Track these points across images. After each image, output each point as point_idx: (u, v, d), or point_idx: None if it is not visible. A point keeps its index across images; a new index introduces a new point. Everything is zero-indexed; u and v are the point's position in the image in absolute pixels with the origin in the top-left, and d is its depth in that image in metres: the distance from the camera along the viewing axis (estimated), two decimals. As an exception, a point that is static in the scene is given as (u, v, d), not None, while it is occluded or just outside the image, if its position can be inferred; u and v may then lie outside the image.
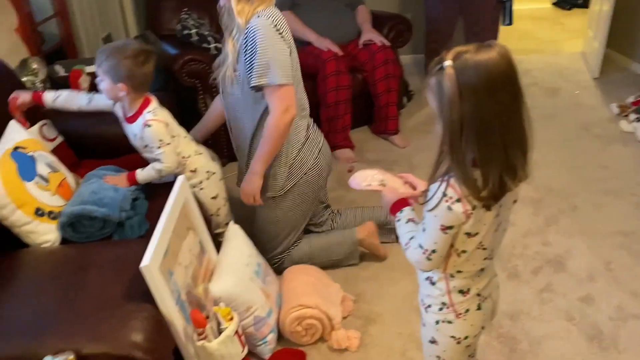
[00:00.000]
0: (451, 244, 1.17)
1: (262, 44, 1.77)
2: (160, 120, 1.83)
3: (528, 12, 5.78)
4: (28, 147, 1.79)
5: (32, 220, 1.68)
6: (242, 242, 1.92)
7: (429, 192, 1.15)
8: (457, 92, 1.03)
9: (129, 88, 1.78)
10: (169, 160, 1.86)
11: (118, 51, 1.76)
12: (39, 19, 3.03)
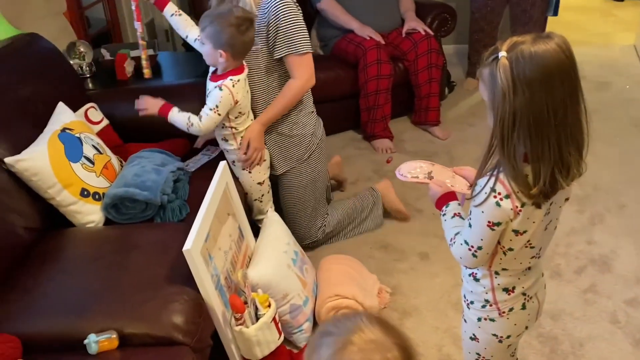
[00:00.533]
0: (497, 241, 1.14)
1: (289, 15, 1.90)
2: (231, 92, 1.81)
3: (577, 2, 5.58)
4: (75, 129, 1.82)
5: (78, 201, 1.72)
6: (280, 229, 1.92)
7: (477, 187, 1.12)
8: (510, 84, 1.00)
9: (228, 55, 1.77)
10: (206, 124, 1.84)
11: (222, 18, 1.74)
12: (85, 4, 3.09)
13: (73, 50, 2.50)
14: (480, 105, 3.53)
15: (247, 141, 1.97)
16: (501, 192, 1.06)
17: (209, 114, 1.83)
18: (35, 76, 1.95)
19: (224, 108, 1.83)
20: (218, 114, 1.83)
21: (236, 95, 1.83)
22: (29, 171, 1.64)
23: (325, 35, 3.25)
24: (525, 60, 1.00)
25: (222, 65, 1.82)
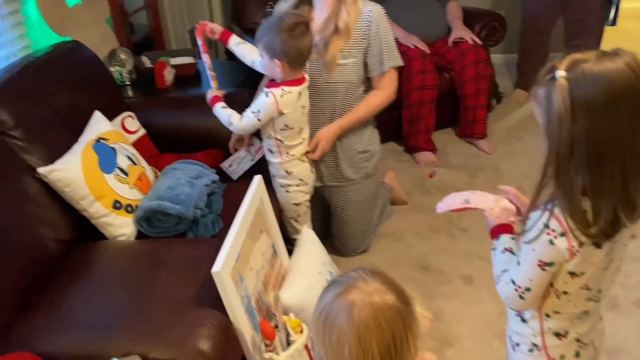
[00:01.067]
0: (550, 283, 1.02)
1: (387, 29, 1.95)
2: (277, 101, 1.72)
3: (636, 10, 5.29)
4: (110, 139, 1.79)
5: (110, 213, 1.68)
6: (316, 248, 1.84)
7: (529, 221, 1.00)
8: (569, 108, 0.89)
9: (284, 64, 1.69)
10: (244, 125, 1.78)
11: (274, 26, 1.67)
12: (130, 10, 3.11)
13: (114, 58, 2.49)
14: (530, 118, 3.35)
15: (317, 141, 1.92)
16: (555, 229, 0.95)
17: (249, 116, 1.77)
18: (74, 84, 1.93)
19: (265, 115, 1.75)
20: (258, 119, 1.76)
21: (282, 106, 1.74)
22: (62, 182, 1.61)
23: None
24: (587, 81, 0.88)
25: (279, 77, 1.74)
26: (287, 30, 1.65)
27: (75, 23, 2.36)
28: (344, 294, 0.85)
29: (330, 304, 0.86)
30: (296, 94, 1.76)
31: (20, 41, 2.11)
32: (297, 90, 1.76)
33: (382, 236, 2.37)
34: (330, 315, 0.85)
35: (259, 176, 1.72)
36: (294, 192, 1.92)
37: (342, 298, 0.85)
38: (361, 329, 0.83)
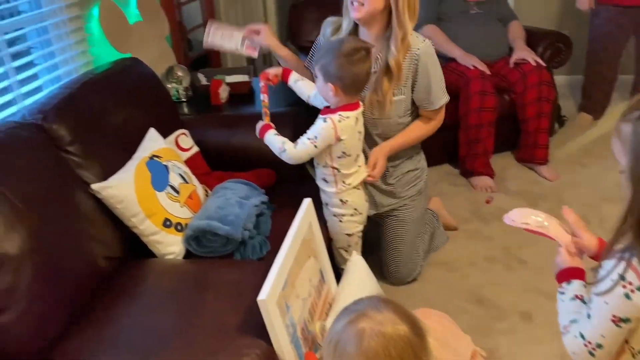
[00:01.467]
0: (625, 339, 0.92)
1: (436, 65, 1.88)
2: (335, 127, 1.67)
3: None
4: (164, 157, 1.79)
5: (160, 231, 1.68)
6: (365, 276, 1.77)
7: (602, 270, 0.91)
8: None
9: (337, 89, 1.65)
10: (300, 153, 1.72)
11: (333, 48, 1.64)
12: (189, 27, 3.16)
13: (171, 75, 2.52)
14: (595, 145, 3.19)
15: (375, 160, 1.88)
16: (633, 282, 0.87)
17: (305, 143, 1.71)
18: (131, 101, 1.96)
19: (323, 141, 1.70)
20: (315, 145, 1.70)
21: (340, 132, 1.68)
22: (115, 198, 1.62)
23: None
24: None
25: (332, 101, 1.70)
26: (346, 55, 1.60)
27: (135, 40, 2.41)
28: (355, 322, 0.86)
29: (342, 331, 0.86)
30: (353, 119, 1.71)
31: (83, 57, 2.17)
32: (354, 115, 1.71)
33: (434, 264, 2.27)
34: (341, 342, 0.86)
35: (308, 199, 1.68)
36: (347, 222, 1.86)
37: (353, 326, 0.85)
38: (370, 357, 0.83)
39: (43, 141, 1.58)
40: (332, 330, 0.89)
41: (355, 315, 0.87)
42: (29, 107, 1.69)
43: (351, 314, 0.87)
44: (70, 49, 2.10)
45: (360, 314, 0.86)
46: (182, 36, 2.97)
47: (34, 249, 1.34)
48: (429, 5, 3.01)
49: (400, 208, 2.08)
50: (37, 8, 1.99)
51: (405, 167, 2.05)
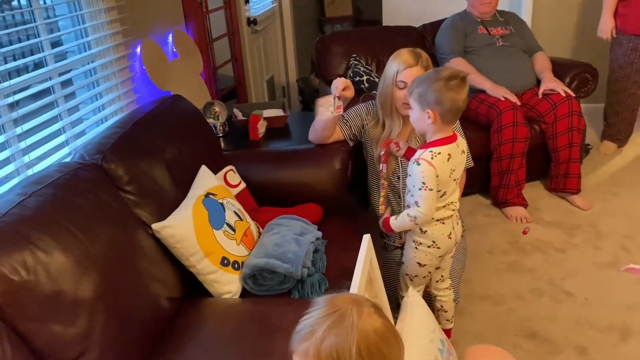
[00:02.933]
0: None
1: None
2: (432, 164, 1.65)
3: None
4: (218, 194, 1.79)
5: (218, 270, 1.66)
6: (424, 312, 1.74)
7: None
8: None
9: (436, 114, 1.62)
10: (426, 205, 1.66)
11: (430, 77, 1.64)
12: (217, 63, 3.20)
13: (209, 110, 2.54)
14: (623, 173, 3.20)
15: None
16: None
17: (421, 195, 1.66)
18: (179, 138, 1.96)
19: (431, 180, 1.65)
20: (430, 189, 1.66)
21: (438, 168, 1.66)
22: (174, 238, 1.61)
23: None
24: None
25: (430, 129, 1.68)
26: (444, 80, 1.60)
27: (174, 77, 2.43)
28: (326, 305, 0.94)
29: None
30: (445, 155, 1.67)
31: (127, 96, 2.18)
32: (446, 150, 1.68)
33: (479, 298, 2.25)
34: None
35: (367, 236, 1.66)
36: (422, 251, 1.82)
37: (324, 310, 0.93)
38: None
39: (103, 181, 1.58)
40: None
41: (326, 300, 0.95)
42: (84, 148, 1.69)
43: (323, 300, 0.96)
44: (116, 88, 2.12)
45: (331, 298, 0.95)
46: (213, 72, 3.00)
47: (105, 291, 1.32)
48: (455, 39, 3.06)
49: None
50: (85, 50, 2.02)
51: None
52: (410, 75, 1.92)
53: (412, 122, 1.72)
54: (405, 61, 1.92)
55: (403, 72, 1.93)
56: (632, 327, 2.01)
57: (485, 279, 2.37)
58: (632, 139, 3.50)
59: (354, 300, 0.93)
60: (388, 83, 1.97)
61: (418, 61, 1.93)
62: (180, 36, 2.58)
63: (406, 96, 1.93)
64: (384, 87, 2.00)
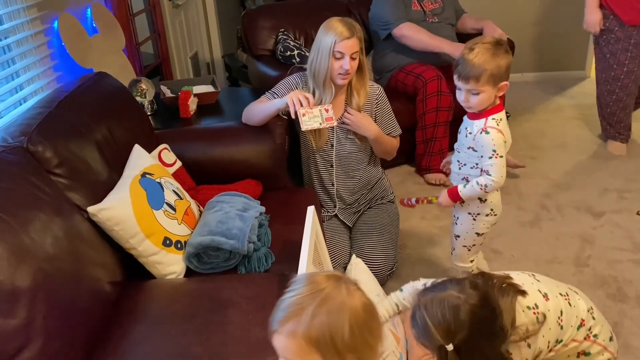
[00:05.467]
0: None
1: (387, 103, 2.24)
2: (500, 129, 1.66)
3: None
4: (155, 173, 1.73)
5: (160, 251, 1.62)
6: (368, 278, 1.80)
7: None
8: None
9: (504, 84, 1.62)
10: (498, 173, 1.65)
11: (491, 54, 1.57)
12: (140, 39, 3.06)
13: (135, 88, 2.44)
14: (539, 138, 3.42)
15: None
16: None
17: (492, 163, 1.65)
18: (108, 117, 1.87)
19: (501, 148, 1.65)
20: (500, 156, 1.65)
21: (505, 133, 1.66)
22: (112, 220, 1.54)
23: (382, 68, 3.16)
24: (473, 339, 1.08)
25: (487, 103, 1.65)
26: (503, 51, 1.59)
27: (96, 54, 2.30)
28: (309, 278, 0.95)
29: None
30: (505, 120, 1.69)
31: (47, 75, 2.04)
32: (503, 115, 1.68)
33: (415, 262, 2.35)
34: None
35: (312, 208, 1.68)
36: (481, 220, 1.83)
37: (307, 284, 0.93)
38: None
39: (31, 165, 1.48)
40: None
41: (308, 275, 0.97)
42: (6, 131, 1.57)
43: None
44: (34, 66, 1.98)
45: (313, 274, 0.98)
46: (136, 48, 2.87)
47: (44, 280, 1.25)
48: (397, 6, 3.03)
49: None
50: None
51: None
52: (348, 47, 1.96)
53: (479, 104, 1.64)
54: (342, 33, 1.94)
55: (340, 44, 1.94)
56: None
57: (420, 243, 2.47)
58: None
59: (337, 278, 0.92)
60: (324, 54, 1.98)
61: (353, 32, 1.96)
62: (100, 10, 2.44)
63: (342, 66, 1.96)
64: (319, 58, 2.01)
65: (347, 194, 2.26)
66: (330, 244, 2.18)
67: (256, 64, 3.14)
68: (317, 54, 2.01)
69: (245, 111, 2.14)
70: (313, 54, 2.03)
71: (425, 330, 1.08)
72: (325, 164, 2.21)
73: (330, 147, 2.17)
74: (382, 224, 2.24)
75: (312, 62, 2.05)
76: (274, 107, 2.03)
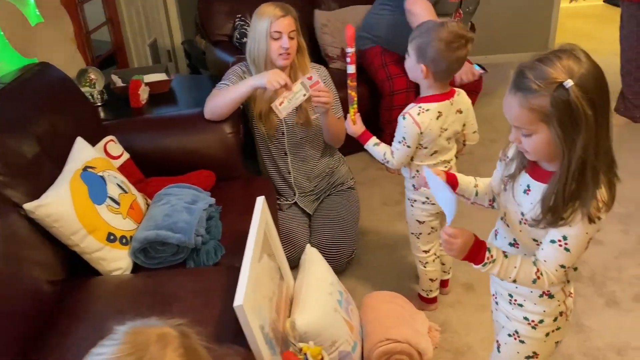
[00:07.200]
0: None
1: (332, 84, 2.20)
2: (416, 122, 1.64)
3: (579, 10, 5.52)
4: (97, 167, 1.68)
5: (104, 247, 1.57)
6: (322, 268, 1.78)
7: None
8: (589, 111, 0.94)
9: (429, 71, 1.60)
10: (398, 158, 1.71)
11: (435, 31, 1.56)
12: (91, 27, 2.96)
13: (83, 78, 2.35)
14: (499, 121, 3.42)
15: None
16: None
17: (398, 148, 1.70)
18: (50, 109, 1.80)
19: (411, 138, 1.66)
20: (407, 146, 1.68)
21: (422, 125, 1.65)
22: (51, 217, 1.49)
23: (370, 28, 2.94)
24: (590, 81, 0.95)
25: (422, 84, 1.66)
26: (446, 41, 1.55)
27: (40, 43, 2.21)
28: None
29: None
30: (434, 112, 1.65)
31: (-16, 66, 1.95)
32: (436, 107, 1.66)
33: (377, 248, 2.34)
34: None
35: (262, 198, 1.65)
36: (417, 208, 1.84)
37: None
38: None
39: (-38, 161, 1.41)
40: None
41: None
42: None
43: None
44: (-31, 56, 1.88)
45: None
46: (86, 37, 2.77)
47: (-27, 282, 1.20)
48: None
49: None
50: None
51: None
52: (284, 25, 1.95)
53: (407, 68, 1.67)
54: (276, 14, 1.95)
55: (276, 23, 1.95)
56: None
57: (382, 230, 2.46)
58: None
59: (159, 336, 0.77)
60: (261, 37, 1.97)
61: (287, 12, 1.97)
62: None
63: (281, 46, 1.93)
64: (256, 43, 2.00)
65: (304, 181, 2.23)
66: (290, 232, 2.16)
67: (213, 50, 3.08)
68: (255, 40, 2.00)
69: (210, 107, 2.03)
70: (250, 42, 2.02)
71: (539, 71, 0.96)
72: (280, 152, 2.18)
73: (282, 135, 2.14)
74: (341, 210, 2.23)
75: (250, 50, 2.03)
76: (247, 88, 1.96)
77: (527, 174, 1.10)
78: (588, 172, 0.98)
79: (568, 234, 1.03)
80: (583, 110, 0.93)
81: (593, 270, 2.13)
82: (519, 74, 1.00)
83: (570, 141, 0.96)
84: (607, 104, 0.98)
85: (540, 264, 1.08)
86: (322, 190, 2.28)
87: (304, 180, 2.23)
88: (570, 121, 0.95)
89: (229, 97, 2.00)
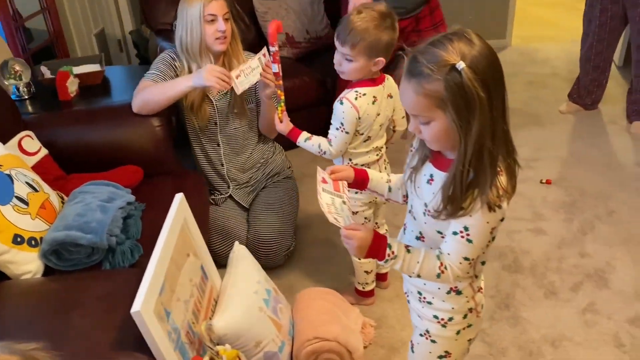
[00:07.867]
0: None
1: None
2: (354, 106, 1.59)
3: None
4: (4, 165, 1.57)
5: (10, 249, 1.47)
6: (249, 266, 1.71)
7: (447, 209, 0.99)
8: (483, 93, 0.90)
9: (385, 60, 1.56)
10: (337, 146, 1.66)
11: (374, 24, 1.51)
12: (25, 14, 2.82)
13: (7, 70, 2.23)
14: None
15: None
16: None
17: (336, 135, 1.64)
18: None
19: (350, 124, 1.61)
20: (346, 132, 1.62)
21: (360, 109, 1.60)
22: (-53, 220, 1.39)
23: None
24: (482, 63, 0.91)
25: (369, 74, 1.60)
26: (385, 27, 1.52)
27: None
28: None
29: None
30: (370, 97, 1.61)
31: None
32: (372, 92, 1.61)
33: (318, 243, 2.28)
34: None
35: (180, 195, 1.57)
36: (351, 198, 1.74)
37: None
38: None
39: None
40: None
41: None
42: None
43: None
44: None
45: None
46: (17, 25, 2.64)
47: None
48: None
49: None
50: None
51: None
52: (217, 7, 1.90)
53: (351, 72, 1.58)
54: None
55: (209, 6, 1.88)
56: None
57: (326, 224, 2.38)
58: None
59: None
60: (194, 23, 1.90)
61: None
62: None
63: (217, 29, 1.85)
64: (188, 30, 1.92)
65: (238, 173, 2.16)
66: (226, 228, 2.08)
67: (156, 39, 2.96)
68: (186, 27, 1.92)
69: (140, 101, 1.93)
70: (180, 30, 1.94)
71: (431, 55, 0.91)
72: (212, 144, 2.10)
73: (215, 125, 2.06)
74: (278, 201, 2.16)
75: (181, 38, 1.94)
76: (184, 88, 1.88)
77: (430, 164, 1.05)
78: (485, 157, 0.94)
79: (469, 224, 0.99)
80: (476, 92, 0.89)
81: (535, 261, 2.11)
82: (412, 60, 0.94)
83: (466, 125, 0.92)
84: (502, 86, 0.94)
85: (444, 258, 1.04)
86: (258, 182, 2.20)
87: (238, 171, 2.16)
88: (465, 104, 0.91)
89: (165, 95, 1.91)
